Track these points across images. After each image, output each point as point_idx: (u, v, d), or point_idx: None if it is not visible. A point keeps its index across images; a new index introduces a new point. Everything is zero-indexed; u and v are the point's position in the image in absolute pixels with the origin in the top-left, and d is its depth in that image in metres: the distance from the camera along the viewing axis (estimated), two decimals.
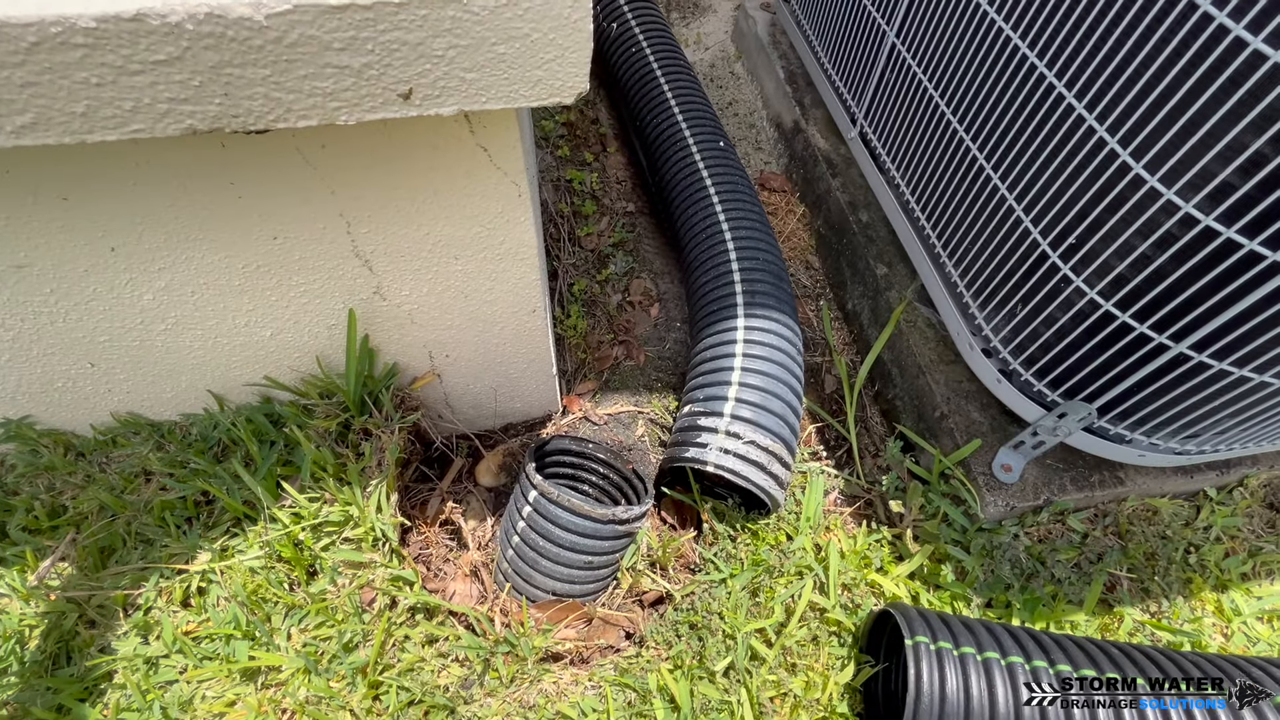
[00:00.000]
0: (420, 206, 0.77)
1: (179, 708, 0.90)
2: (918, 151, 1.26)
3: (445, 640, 0.99)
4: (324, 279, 0.84)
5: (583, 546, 1.00)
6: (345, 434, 1.03)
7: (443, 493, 1.16)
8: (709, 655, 1.02)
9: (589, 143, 1.83)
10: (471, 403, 1.15)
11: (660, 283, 1.55)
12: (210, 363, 0.93)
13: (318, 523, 0.98)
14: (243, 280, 0.80)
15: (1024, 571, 1.13)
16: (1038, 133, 0.94)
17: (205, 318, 0.84)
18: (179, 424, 1.04)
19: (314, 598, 0.96)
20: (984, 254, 1.10)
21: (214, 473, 1.01)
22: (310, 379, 1.01)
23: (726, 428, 1.08)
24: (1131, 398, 0.95)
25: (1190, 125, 0.75)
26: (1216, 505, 1.22)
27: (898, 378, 1.33)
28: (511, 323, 0.99)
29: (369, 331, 0.95)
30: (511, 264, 0.89)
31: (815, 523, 1.18)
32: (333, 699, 0.92)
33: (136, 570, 0.97)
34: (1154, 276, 0.84)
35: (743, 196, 1.41)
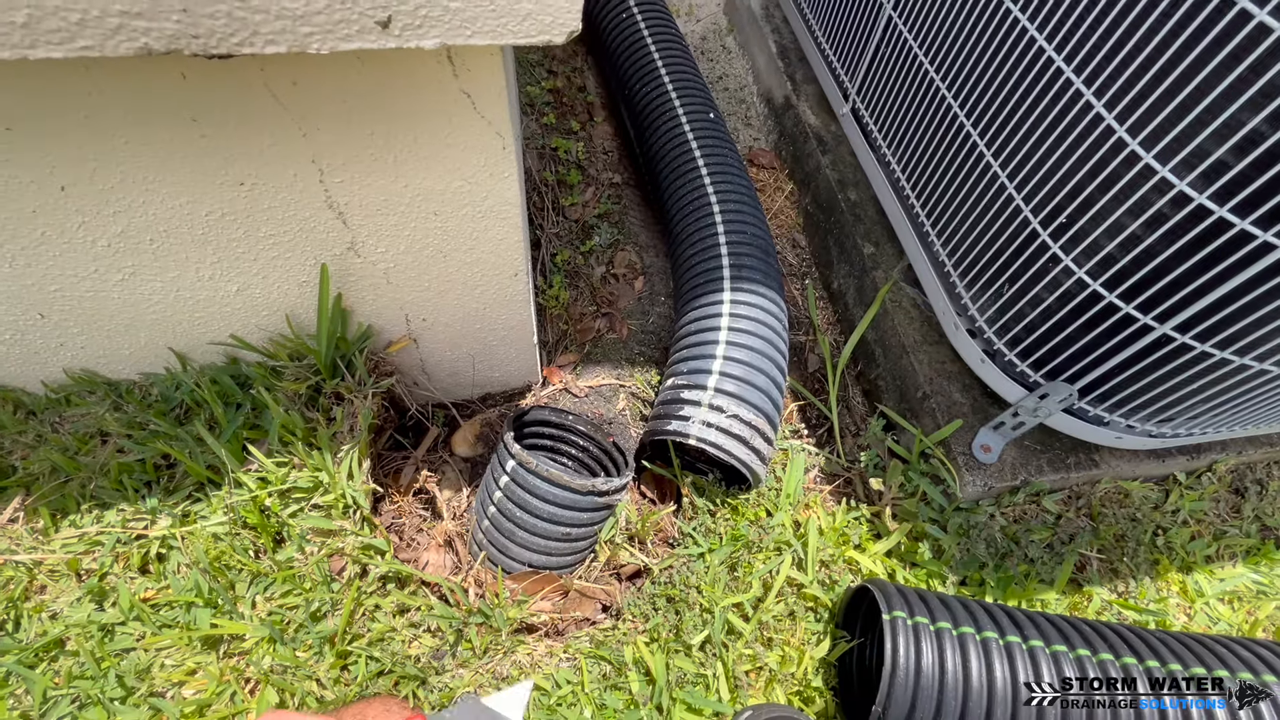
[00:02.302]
0: (399, 155, 0.73)
1: (136, 676, 0.87)
2: (911, 128, 1.24)
3: (417, 610, 0.96)
4: (295, 231, 0.80)
5: (561, 518, 0.98)
6: (316, 398, 0.99)
7: (417, 462, 1.13)
8: (686, 629, 1.01)
9: (576, 111, 1.78)
10: (449, 370, 1.12)
11: (645, 256, 1.52)
12: (171, 318, 0.88)
13: (285, 488, 0.95)
14: (206, 229, 0.76)
15: (999, 551, 1.14)
16: (1034, 108, 0.93)
17: (165, 268, 0.80)
18: (138, 383, 0.99)
19: (281, 565, 0.93)
20: (973, 233, 1.09)
21: (175, 435, 0.96)
22: (279, 339, 0.96)
23: (710, 401, 1.06)
24: (1113, 379, 0.96)
25: (1189, 101, 0.74)
26: (1185, 489, 1.25)
27: (881, 358, 1.33)
28: (492, 286, 0.96)
29: (342, 291, 0.91)
30: (493, 223, 0.85)
31: (795, 500, 1.18)
32: (299, 668, 0.89)
33: (92, 535, 0.92)
34: (1143, 256, 0.84)
35: (732, 170, 1.39)
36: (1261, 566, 1.23)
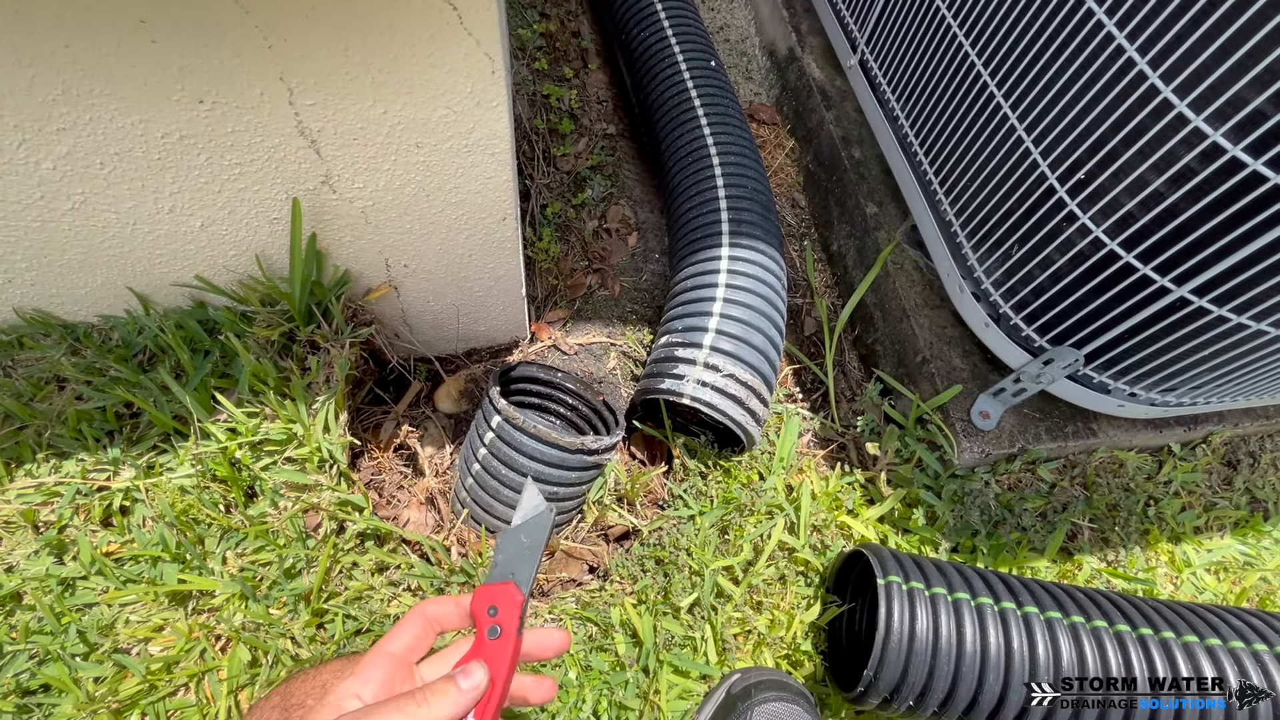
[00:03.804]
0: (376, 76, 0.67)
1: (98, 631, 0.82)
2: (923, 80, 1.18)
3: (397, 569, 0.93)
4: (263, 161, 0.73)
5: (548, 476, 0.94)
6: (289, 346, 0.94)
7: (398, 416, 1.08)
8: (674, 591, 0.99)
9: (569, 57, 1.69)
10: (432, 322, 1.06)
11: (640, 211, 1.46)
12: (130, 255, 0.81)
13: (257, 440, 0.90)
14: (163, 153, 0.69)
15: (992, 518, 1.13)
16: (1059, 55, 0.88)
17: (120, 197, 0.73)
18: (97, 326, 0.93)
19: (253, 520, 0.89)
20: (984, 190, 1.04)
21: (138, 382, 0.90)
22: (250, 282, 0.90)
23: (705, 359, 1.02)
24: (1122, 344, 0.93)
25: (1230, 44, 0.69)
26: (1179, 461, 1.24)
27: (880, 321, 1.29)
28: (479, 230, 0.90)
29: (317, 230, 0.85)
30: (481, 158, 0.79)
31: (789, 463, 1.15)
32: (272, 625, 0.86)
33: (49, 485, 0.87)
34: (1164, 215, 0.80)
35: (732, 120, 1.32)
36: (1249, 538, 1.23)
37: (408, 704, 0.44)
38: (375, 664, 0.50)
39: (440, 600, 0.54)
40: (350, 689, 0.47)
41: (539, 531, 0.54)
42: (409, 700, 0.44)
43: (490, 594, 0.51)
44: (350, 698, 0.47)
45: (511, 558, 0.53)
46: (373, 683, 0.48)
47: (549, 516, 0.55)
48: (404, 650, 0.51)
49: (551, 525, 0.55)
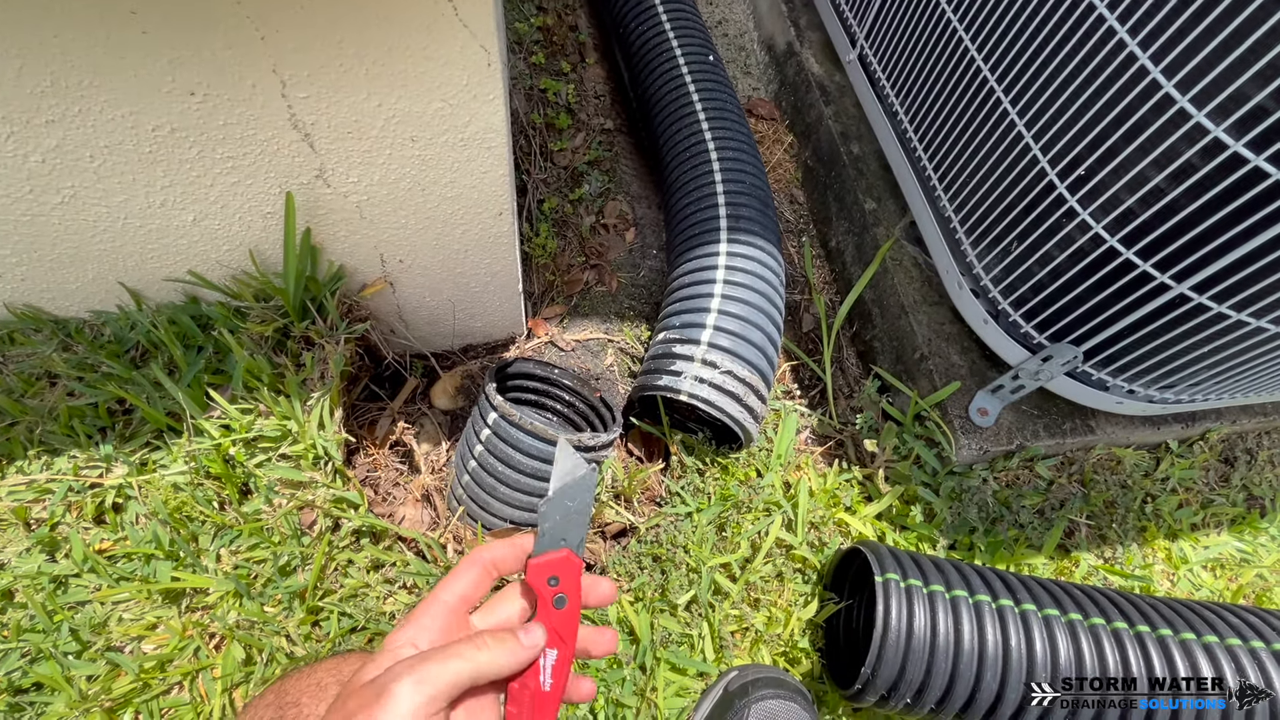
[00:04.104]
0: (371, 69, 0.66)
1: (91, 629, 0.82)
2: (922, 74, 1.18)
3: (392, 566, 0.92)
4: (256, 154, 0.72)
5: (544, 473, 0.93)
6: (284, 342, 0.93)
7: (394, 413, 1.07)
8: (671, 588, 0.99)
9: (566, 51, 1.68)
10: (428, 318, 1.06)
11: (637, 206, 1.45)
12: (121, 250, 0.80)
13: (251, 437, 0.89)
14: (154, 147, 0.68)
15: (990, 515, 1.13)
16: (1059, 49, 0.87)
17: (110, 191, 0.72)
18: (89, 322, 0.92)
19: (247, 518, 0.88)
20: (983, 186, 1.04)
21: (131, 378, 0.89)
22: (244, 277, 0.89)
23: (703, 356, 1.02)
24: (1120, 341, 0.93)
25: (1231, 40, 0.69)
26: (1177, 457, 1.24)
27: (878, 318, 1.28)
28: (475, 226, 0.89)
29: (311, 225, 0.84)
30: (477, 153, 0.78)
31: (786, 460, 1.15)
32: (267, 623, 0.85)
33: (41, 482, 0.86)
34: (1165, 211, 0.80)
35: (731, 116, 1.31)
36: (1245, 535, 1.23)
37: (467, 648, 0.43)
38: (429, 613, 0.48)
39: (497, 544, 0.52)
40: (404, 638, 0.46)
41: (584, 493, 0.51)
42: (469, 644, 0.44)
43: (546, 564, 0.49)
44: (405, 646, 0.45)
45: (560, 524, 0.50)
46: (429, 631, 0.47)
47: (593, 476, 0.52)
48: (458, 599, 0.49)
49: (595, 484, 0.52)
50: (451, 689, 0.41)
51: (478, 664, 0.43)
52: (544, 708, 0.47)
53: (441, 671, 0.41)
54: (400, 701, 0.39)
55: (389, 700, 0.39)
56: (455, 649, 0.43)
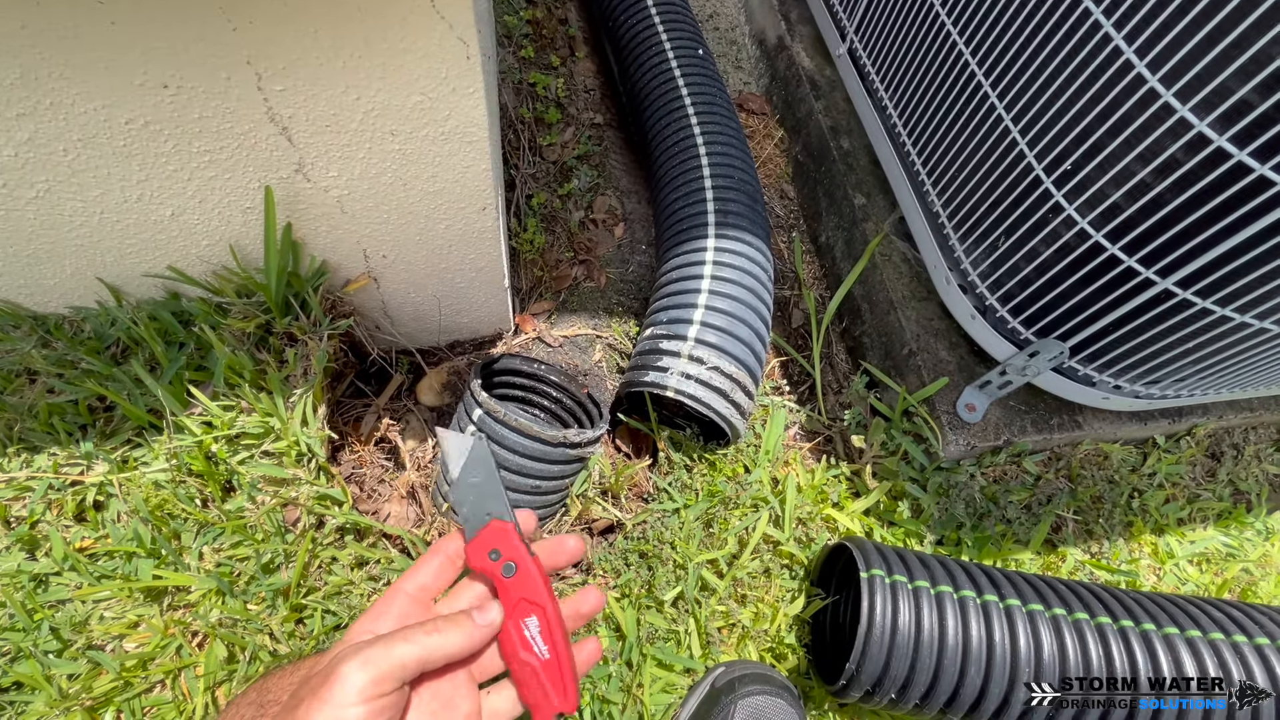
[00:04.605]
0: (348, 62, 0.65)
1: (72, 628, 0.81)
2: (911, 69, 1.17)
3: (377, 563, 0.92)
4: (233, 148, 0.71)
5: (530, 470, 0.93)
6: (266, 338, 0.92)
7: (379, 410, 1.07)
8: (658, 584, 0.99)
9: (556, 45, 1.67)
10: (413, 314, 1.05)
11: (627, 202, 1.45)
12: (99, 245, 0.79)
13: (234, 434, 0.88)
14: (129, 140, 0.67)
15: (977, 511, 1.13)
16: (1046, 43, 0.87)
17: (86, 186, 0.71)
18: (68, 318, 0.91)
19: (229, 515, 0.87)
20: (971, 181, 1.03)
21: (111, 375, 0.89)
22: (225, 272, 0.88)
23: (690, 352, 1.01)
24: (1106, 336, 0.93)
25: (1215, 33, 0.68)
26: (1163, 453, 1.24)
27: (867, 314, 1.28)
28: (458, 220, 0.89)
29: (292, 220, 0.83)
30: (458, 147, 0.77)
31: (774, 456, 1.15)
32: (250, 621, 0.85)
33: (20, 480, 0.85)
34: (1150, 206, 0.80)
35: (720, 110, 1.31)
36: (1232, 529, 1.24)
37: (417, 633, 0.44)
38: (390, 600, 0.49)
39: (460, 535, 0.53)
40: (364, 627, 0.48)
41: (483, 464, 0.52)
42: (419, 629, 0.45)
43: (480, 543, 0.50)
44: (364, 633, 0.47)
45: (476, 503, 0.51)
46: (387, 618, 0.48)
47: (483, 443, 0.53)
48: (419, 588, 0.51)
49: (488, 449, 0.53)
50: (400, 670, 0.43)
51: (426, 646, 0.44)
52: (555, 675, 0.48)
53: (387, 654, 0.43)
54: (346, 682, 0.40)
55: (335, 681, 0.41)
56: (405, 633, 0.45)
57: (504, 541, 0.50)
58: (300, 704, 0.41)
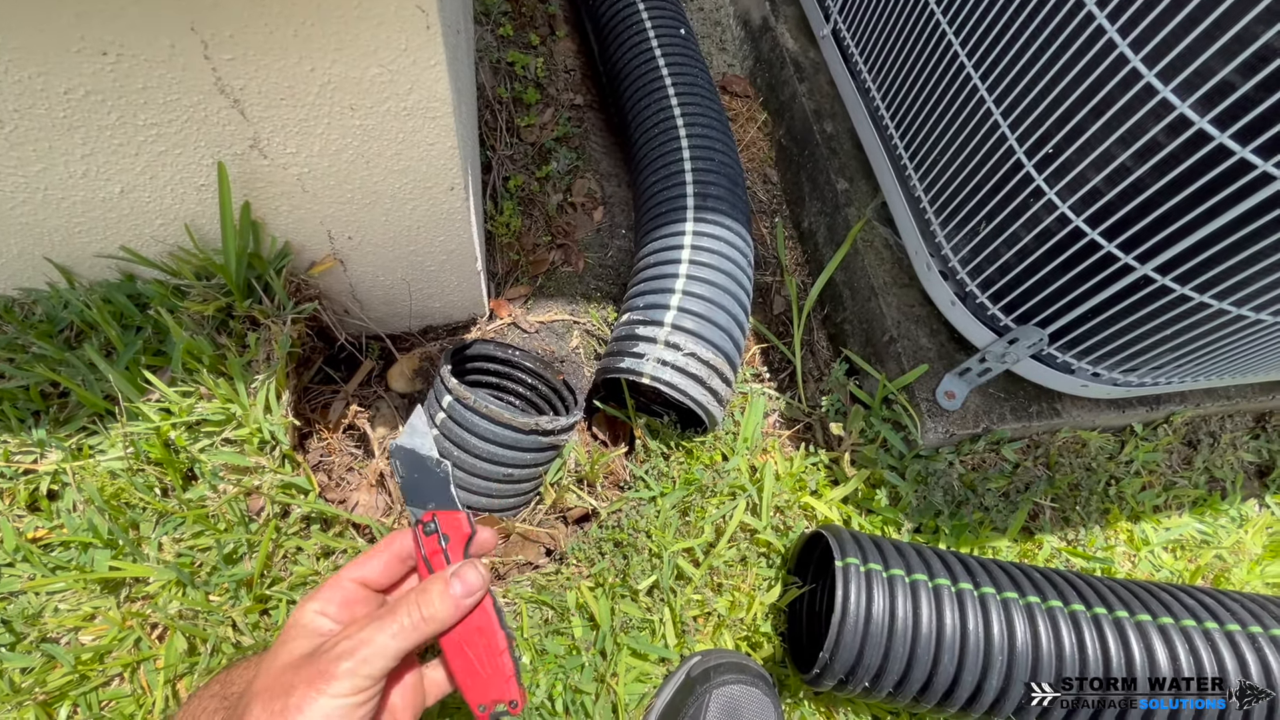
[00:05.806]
0: (300, 30, 0.62)
1: (25, 620, 0.79)
2: (894, 50, 1.15)
3: (343, 553, 0.90)
4: (183, 121, 0.68)
5: (502, 458, 0.91)
6: (227, 322, 0.89)
7: (348, 396, 1.04)
8: (633, 573, 0.97)
9: (535, 23, 1.63)
10: (383, 298, 1.02)
11: (606, 185, 1.42)
12: (45, 223, 0.76)
13: (193, 421, 0.85)
14: (68, 111, 0.64)
15: (955, 499, 1.12)
16: (1029, 24, 0.85)
17: (26, 160, 0.67)
18: (18, 300, 0.87)
19: (190, 505, 0.85)
20: (952, 165, 1.02)
21: (64, 360, 0.85)
22: (181, 253, 0.85)
23: (666, 338, 0.99)
24: (1085, 323, 0.92)
25: (1197, 12, 0.67)
26: (1141, 440, 1.24)
27: (849, 300, 1.27)
28: (425, 201, 0.86)
29: (251, 199, 0.80)
30: (422, 123, 0.74)
31: (753, 444, 1.13)
32: (211, 613, 0.82)
33: None
34: (1130, 190, 0.78)
35: (701, 92, 1.28)
36: (1206, 516, 1.25)
37: (395, 615, 0.47)
38: (335, 585, 0.51)
39: (407, 533, 0.55)
40: (311, 608, 0.49)
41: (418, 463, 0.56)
42: (390, 617, 0.47)
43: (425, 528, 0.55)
44: (315, 616, 0.49)
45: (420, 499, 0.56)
46: (332, 603, 0.50)
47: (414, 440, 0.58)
48: (362, 578, 0.52)
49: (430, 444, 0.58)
50: (393, 660, 0.45)
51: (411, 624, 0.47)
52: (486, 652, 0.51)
53: (382, 646, 0.45)
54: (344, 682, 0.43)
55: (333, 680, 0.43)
56: (382, 623, 0.45)
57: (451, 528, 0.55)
58: (293, 691, 0.43)
